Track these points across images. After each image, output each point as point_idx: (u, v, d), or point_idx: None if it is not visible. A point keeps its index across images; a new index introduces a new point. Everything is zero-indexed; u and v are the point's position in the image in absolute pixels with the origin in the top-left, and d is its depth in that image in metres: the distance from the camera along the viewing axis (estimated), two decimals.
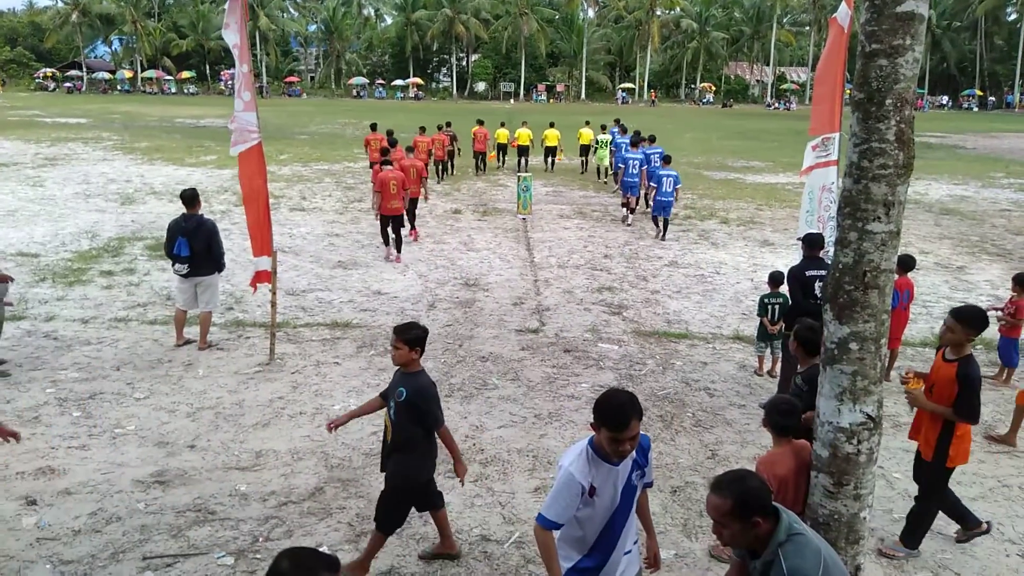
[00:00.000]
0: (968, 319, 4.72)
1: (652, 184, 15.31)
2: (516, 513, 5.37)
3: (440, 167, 22.16)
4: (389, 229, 12.52)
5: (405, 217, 13.07)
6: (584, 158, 24.33)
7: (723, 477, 2.85)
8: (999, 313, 8.15)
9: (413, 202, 14.02)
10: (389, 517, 4.62)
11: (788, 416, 4.05)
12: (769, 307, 8.05)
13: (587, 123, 25.25)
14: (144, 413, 6.76)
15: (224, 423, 6.63)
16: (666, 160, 15.51)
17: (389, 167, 12.74)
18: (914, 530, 4.97)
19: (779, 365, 8.18)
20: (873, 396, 3.67)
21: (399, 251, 12.65)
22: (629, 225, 16.22)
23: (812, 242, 7.16)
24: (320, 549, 4.64)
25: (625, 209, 16.58)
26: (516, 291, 11.04)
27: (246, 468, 5.88)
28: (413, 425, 4.51)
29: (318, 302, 10.28)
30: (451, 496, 5.55)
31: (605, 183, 22.05)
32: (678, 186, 14.87)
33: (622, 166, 16.83)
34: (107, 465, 5.84)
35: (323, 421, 6.71)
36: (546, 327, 9.50)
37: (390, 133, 18.86)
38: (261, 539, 4.99)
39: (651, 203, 15.58)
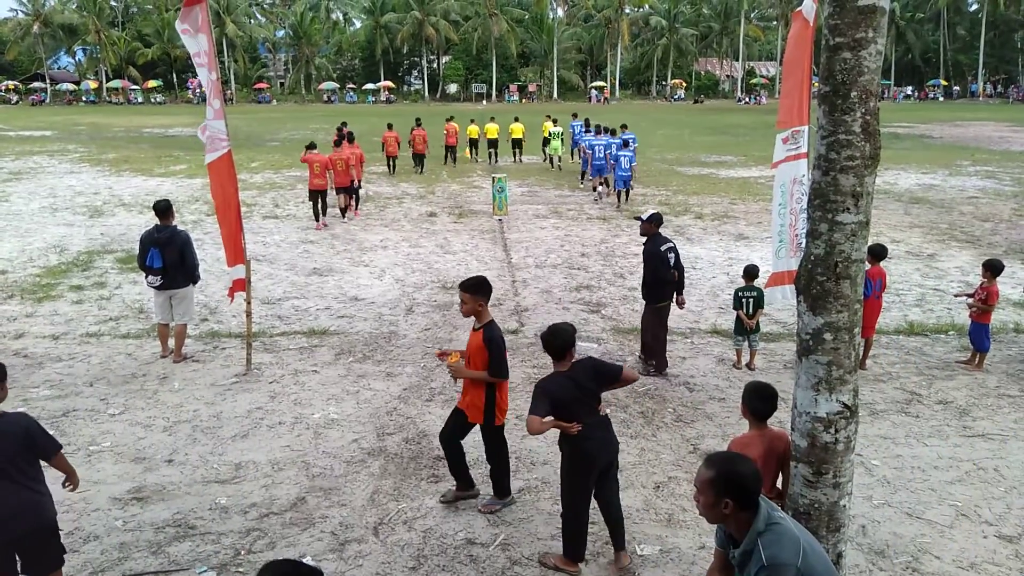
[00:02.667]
0: (472, 287, 5.25)
1: (612, 162, 18.52)
2: (500, 515, 5.36)
3: (419, 160, 24.36)
4: (319, 202, 15.40)
5: (330, 194, 15.78)
6: (545, 148, 26.94)
7: (719, 453, 2.96)
8: (970, 300, 8.28)
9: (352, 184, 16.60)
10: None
11: (768, 402, 4.10)
12: (744, 300, 8.12)
13: (547, 117, 27.93)
14: (119, 429, 6.65)
15: (202, 436, 6.55)
16: (625, 144, 18.86)
17: (314, 151, 15.60)
18: (499, 479, 5.44)
19: (757, 358, 8.27)
20: (849, 385, 3.72)
21: (323, 217, 15.50)
22: (599, 199, 19.00)
23: (657, 220, 8.09)
24: (304, 560, 4.61)
25: (599, 188, 19.33)
26: (494, 292, 10.95)
27: (226, 481, 5.81)
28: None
29: (294, 310, 10.19)
30: (434, 500, 5.54)
31: (560, 170, 25.14)
32: (633, 164, 18.51)
33: (590, 152, 19.56)
34: (83, 483, 5.67)
35: (303, 430, 6.67)
36: (525, 327, 9.49)
37: (342, 126, 20.49)
38: (243, 552, 4.93)
39: (612, 181, 18.84)
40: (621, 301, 10.59)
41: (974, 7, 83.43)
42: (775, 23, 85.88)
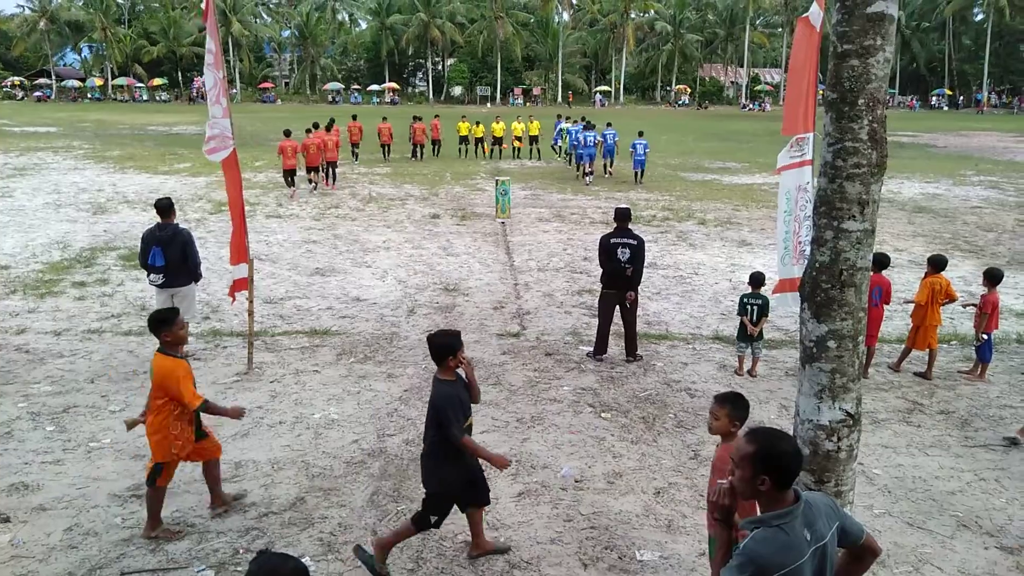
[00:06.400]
0: None
1: (631, 150, 22.77)
2: (500, 518, 5.35)
3: (418, 150, 28.52)
4: (290, 178, 19.59)
5: (300, 171, 20.20)
6: (533, 145, 30.05)
7: (761, 428, 2.82)
8: (975, 309, 8.26)
9: (332, 163, 21.04)
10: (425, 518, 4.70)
11: (747, 408, 4.14)
12: (749, 307, 8.11)
13: (531, 117, 32.05)
14: (120, 426, 6.61)
15: None
16: (639, 134, 22.94)
17: (288, 139, 19.62)
18: None
19: (759, 365, 8.25)
20: (852, 393, 3.71)
21: (294, 188, 19.45)
22: (589, 183, 22.22)
23: (621, 215, 8.45)
24: (302, 559, 4.59)
25: (587, 175, 22.59)
26: (496, 295, 11.02)
27: (225, 479, 5.78)
28: (432, 429, 4.57)
29: (296, 310, 10.19)
30: None
31: (569, 163, 27.15)
32: (647, 150, 22.51)
33: (576, 143, 23.07)
34: (82, 480, 5.73)
35: (303, 430, 6.66)
36: (527, 331, 9.48)
37: (332, 121, 24.21)
38: (242, 551, 4.92)
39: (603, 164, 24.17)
40: None
41: (980, 17, 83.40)
42: (780, 30, 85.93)
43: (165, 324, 5.00)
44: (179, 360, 4.97)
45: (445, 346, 4.55)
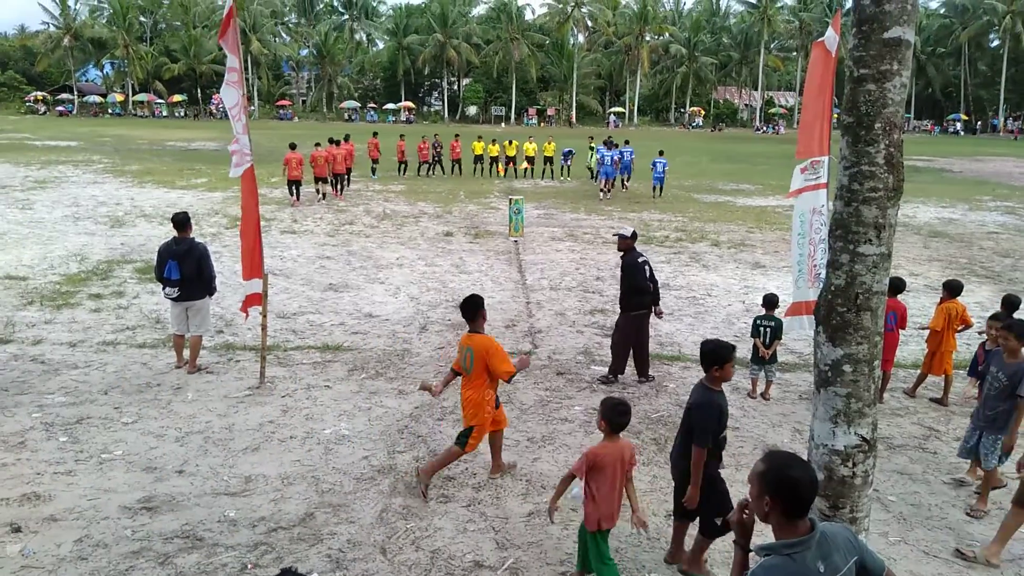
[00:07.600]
0: None
1: (651, 167, 24.53)
2: (509, 538, 5.31)
3: (426, 167, 30.03)
4: (294, 188, 20.98)
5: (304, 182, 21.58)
6: (547, 166, 30.84)
7: (779, 451, 2.88)
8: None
9: (339, 176, 22.74)
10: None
11: (626, 416, 4.55)
12: (762, 329, 8.06)
13: (550, 138, 33.42)
14: (132, 438, 6.67)
15: (213, 448, 6.55)
16: (660, 153, 24.88)
17: (292, 151, 20.71)
18: None
19: (772, 388, 8.19)
20: (867, 418, 3.67)
21: (298, 198, 20.93)
22: (604, 198, 23.74)
23: (635, 237, 8.65)
24: None
25: (602, 191, 24.19)
26: (508, 313, 11.02)
27: (235, 493, 5.80)
28: (685, 431, 4.83)
29: (309, 325, 10.22)
30: (443, 520, 5.50)
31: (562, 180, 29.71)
32: (666, 168, 24.60)
33: (600, 160, 24.68)
34: (94, 491, 5.75)
35: (313, 446, 6.65)
36: (538, 349, 9.47)
37: (347, 137, 25.48)
38: (250, 566, 4.90)
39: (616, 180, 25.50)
40: None
41: (995, 43, 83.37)
42: (795, 54, 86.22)
43: (481, 307, 5.82)
44: (490, 336, 5.82)
45: (712, 353, 4.74)
